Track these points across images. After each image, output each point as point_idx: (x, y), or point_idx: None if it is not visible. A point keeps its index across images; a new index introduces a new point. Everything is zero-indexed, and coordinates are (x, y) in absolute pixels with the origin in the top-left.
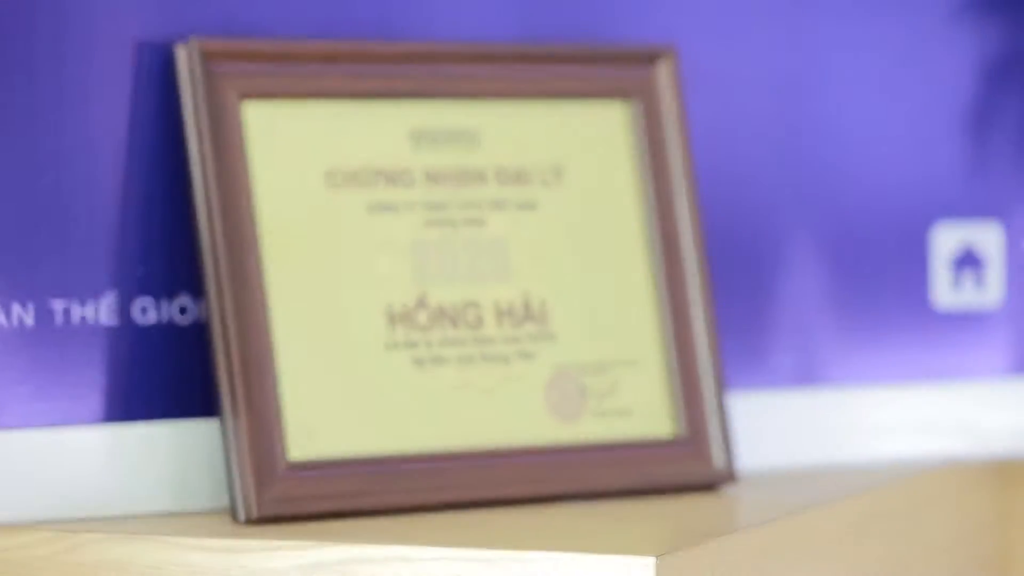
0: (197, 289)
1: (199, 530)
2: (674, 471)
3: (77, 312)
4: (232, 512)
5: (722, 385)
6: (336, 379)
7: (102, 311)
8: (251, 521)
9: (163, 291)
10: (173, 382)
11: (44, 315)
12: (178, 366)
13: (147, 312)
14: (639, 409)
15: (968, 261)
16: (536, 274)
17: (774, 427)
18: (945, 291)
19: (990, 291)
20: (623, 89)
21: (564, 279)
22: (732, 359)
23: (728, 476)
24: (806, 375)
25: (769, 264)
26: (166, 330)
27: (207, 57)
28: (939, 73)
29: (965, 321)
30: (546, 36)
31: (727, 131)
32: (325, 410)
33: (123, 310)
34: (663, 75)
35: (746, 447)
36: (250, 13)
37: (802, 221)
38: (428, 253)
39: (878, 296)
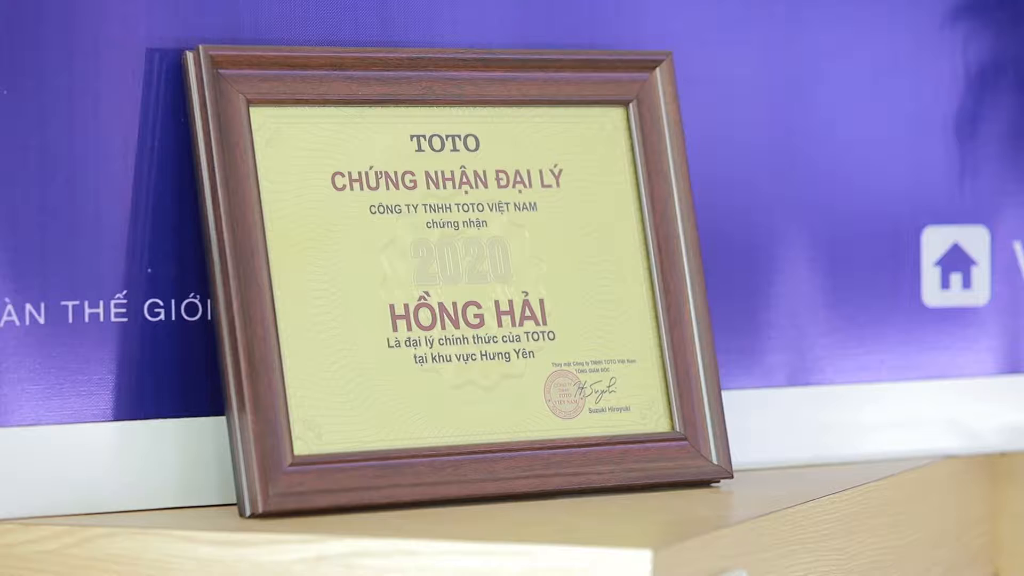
0: (205, 289)
1: (206, 524)
2: (671, 467)
3: (87, 311)
4: (239, 507)
5: (718, 383)
6: (340, 376)
7: (112, 310)
8: (257, 515)
9: (172, 291)
10: (181, 380)
11: (55, 314)
12: (186, 364)
13: (156, 311)
14: (636, 406)
15: (957, 263)
16: (535, 274)
17: (768, 424)
18: (934, 292)
19: (978, 292)
20: (620, 94)
21: (563, 279)
22: (727, 357)
23: (724, 472)
24: (799, 373)
25: (763, 265)
26: (175, 329)
27: (215, 63)
28: (929, 80)
29: (954, 321)
30: (545, 43)
31: (722, 135)
32: (329, 407)
33: (133, 309)
34: (660, 80)
35: (741, 443)
36: (256, 20)
37: (795, 223)
38: (430, 254)
39: (870, 297)
